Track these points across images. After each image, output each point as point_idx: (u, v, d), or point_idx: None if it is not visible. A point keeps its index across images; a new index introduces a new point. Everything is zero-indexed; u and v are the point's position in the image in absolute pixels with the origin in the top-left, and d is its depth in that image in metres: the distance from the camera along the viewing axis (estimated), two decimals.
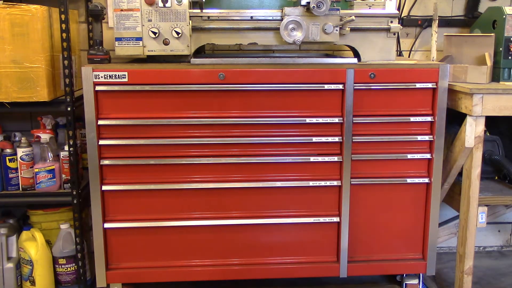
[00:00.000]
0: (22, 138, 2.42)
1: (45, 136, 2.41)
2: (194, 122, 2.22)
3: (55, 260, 2.52)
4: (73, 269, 2.52)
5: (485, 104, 2.19)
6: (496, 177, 2.55)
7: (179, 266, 2.36)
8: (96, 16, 2.24)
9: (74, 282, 2.54)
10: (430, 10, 2.81)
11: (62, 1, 2.23)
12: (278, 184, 2.30)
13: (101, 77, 2.14)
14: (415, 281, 2.49)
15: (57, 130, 2.57)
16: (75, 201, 2.41)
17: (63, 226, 2.50)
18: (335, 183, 2.31)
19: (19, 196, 2.42)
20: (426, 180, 2.34)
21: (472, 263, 2.37)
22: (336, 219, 2.35)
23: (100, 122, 2.18)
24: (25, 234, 2.50)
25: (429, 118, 2.28)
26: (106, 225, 2.29)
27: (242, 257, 2.38)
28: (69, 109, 2.30)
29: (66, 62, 2.27)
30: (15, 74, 2.22)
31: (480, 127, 2.24)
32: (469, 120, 2.23)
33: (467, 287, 2.39)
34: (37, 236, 2.47)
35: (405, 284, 2.49)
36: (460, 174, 2.39)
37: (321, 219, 2.35)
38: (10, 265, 2.50)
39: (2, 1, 2.22)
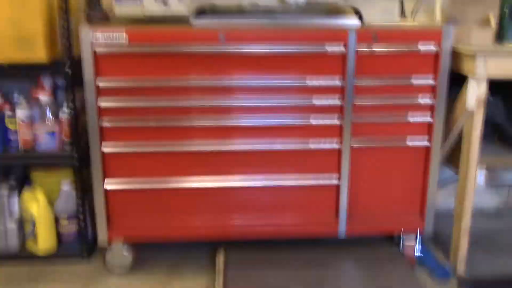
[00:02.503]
0: (22, 99, 2.40)
1: (44, 97, 2.39)
2: (194, 84, 2.21)
3: (56, 219, 2.55)
4: (75, 227, 2.56)
5: (488, 66, 2.17)
6: (496, 140, 2.55)
7: (179, 225, 2.40)
8: None
9: (76, 241, 2.58)
10: None
11: None
12: (278, 146, 2.31)
13: (100, 37, 2.11)
14: (413, 240, 2.53)
15: (57, 91, 2.55)
16: (75, 162, 2.42)
17: (64, 185, 2.52)
18: (335, 145, 2.32)
19: (19, 157, 2.43)
20: (426, 142, 2.34)
21: (469, 223, 2.41)
22: (335, 181, 2.37)
23: (100, 83, 2.17)
24: (26, 193, 2.53)
25: (431, 80, 2.26)
26: (107, 186, 2.30)
27: (242, 217, 2.41)
28: (67, 70, 2.28)
29: (64, 22, 2.23)
30: (13, 35, 2.18)
31: (482, 89, 2.22)
32: (471, 82, 2.21)
33: (463, 247, 2.44)
34: (38, 195, 2.49)
35: (403, 244, 2.53)
36: (460, 135, 2.39)
37: (321, 181, 2.37)
38: (12, 223, 2.53)
39: None
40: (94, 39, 2.11)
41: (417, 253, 2.54)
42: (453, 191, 2.74)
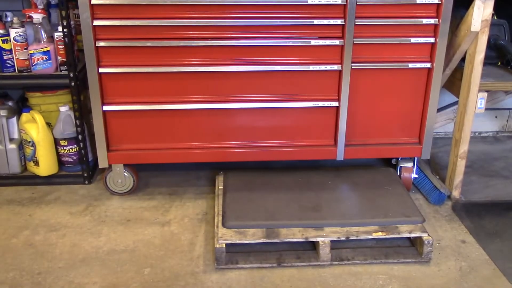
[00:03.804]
0: (14, 18, 2.34)
1: (37, 16, 2.32)
2: (191, 1, 2.14)
3: (56, 142, 2.55)
4: (75, 150, 2.57)
5: None
6: (499, 63, 2.51)
7: (179, 148, 2.40)
8: None
9: (77, 163, 2.60)
10: None
11: None
12: (278, 68, 2.27)
13: None
14: (410, 164, 2.55)
15: (50, 10, 2.48)
16: (72, 84, 2.39)
17: (63, 108, 2.51)
18: (335, 67, 2.28)
19: (15, 78, 2.40)
20: (428, 65, 2.30)
21: (467, 147, 2.41)
22: (335, 104, 2.35)
23: (94, 1, 2.10)
24: (25, 116, 2.52)
25: (436, 0, 2.19)
26: (105, 108, 2.29)
27: (242, 140, 2.41)
28: None
29: None
30: None
31: (488, 10, 2.15)
32: (477, 2, 2.14)
33: (459, 170, 2.46)
34: (37, 117, 2.48)
35: (400, 167, 2.55)
36: (463, 59, 2.35)
37: (320, 104, 2.35)
38: (13, 145, 2.54)
39: None
40: None
41: (414, 177, 2.57)
42: (453, 114, 2.73)
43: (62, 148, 2.56)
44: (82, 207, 2.43)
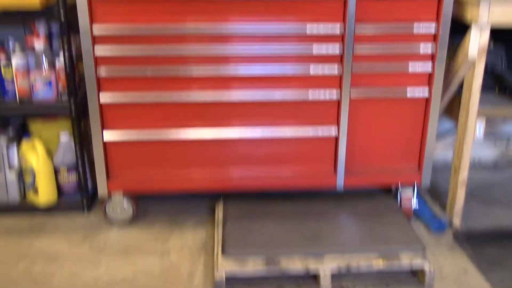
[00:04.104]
0: (16, 46, 2.36)
1: (39, 44, 2.35)
2: (192, 31, 2.16)
3: (56, 170, 2.55)
4: (75, 178, 2.57)
5: (491, 13, 2.12)
6: (497, 90, 2.53)
7: (178, 176, 2.40)
8: None
9: (76, 192, 2.59)
10: None
11: None
12: (277, 96, 2.29)
13: None
14: (410, 192, 2.54)
15: (51, 38, 2.50)
16: (73, 112, 2.40)
17: (63, 136, 2.51)
18: (334, 96, 2.29)
19: (16, 106, 2.41)
20: (426, 92, 2.32)
21: (466, 174, 2.41)
22: (334, 132, 2.36)
23: (95, 30, 2.12)
24: (25, 144, 2.52)
25: (433, 28, 2.22)
26: (105, 136, 2.29)
27: (241, 169, 2.41)
28: (62, 15, 2.23)
29: None
30: None
31: (485, 37, 2.18)
32: (474, 30, 2.17)
33: (460, 198, 2.45)
34: (37, 145, 2.48)
35: (400, 195, 2.54)
36: (461, 86, 2.37)
37: (320, 132, 2.36)
38: (12, 174, 2.54)
39: None
40: None
41: (414, 205, 2.56)
42: (451, 141, 2.74)
43: (61, 176, 2.56)
44: (81, 236, 2.41)
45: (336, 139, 2.38)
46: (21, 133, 2.65)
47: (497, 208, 2.69)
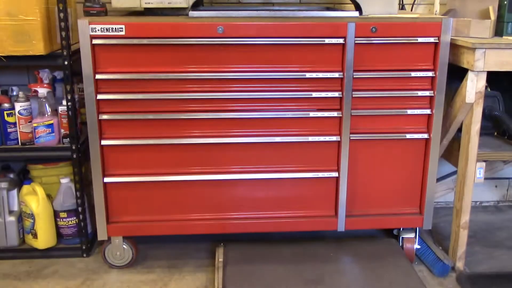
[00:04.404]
0: (20, 92, 2.40)
1: (42, 91, 2.39)
2: (193, 76, 2.20)
3: (56, 214, 2.54)
4: (74, 222, 2.56)
5: (487, 59, 2.16)
6: (496, 133, 2.54)
7: (178, 219, 2.39)
8: None
9: (76, 235, 2.57)
10: None
11: None
12: (277, 139, 2.30)
13: (98, 30, 2.10)
14: (412, 235, 2.52)
15: (55, 84, 2.55)
16: (74, 156, 2.41)
17: (63, 180, 2.52)
18: (334, 138, 2.31)
19: (18, 150, 2.43)
20: (426, 135, 2.33)
21: (468, 217, 2.40)
22: (335, 174, 2.36)
23: (98, 76, 2.16)
24: (25, 188, 2.52)
25: (430, 73, 2.25)
26: (106, 180, 2.30)
27: (241, 211, 2.40)
28: (66, 62, 2.28)
29: (61, 14, 2.22)
30: (11, 27, 2.18)
31: (482, 82, 2.21)
32: (470, 75, 2.21)
33: (462, 241, 2.43)
34: (37, 190, 2.48)
35: (402, 237, 2.53)
36: (459, 129, 2.39)
37: (320, 174, 2.36)
38: (12, 218, 2.53)
39: None
40: (92, 31, 2.10)
41: (416, 248, 2.54)
42: (452, 183, 2.74)
43: (61, 220, 2.55)
44: (80, 281, 2.39)
45: (337, 181, 2.38)
46: (22, 177, 2.65)
47: (501, 251, 2.67)
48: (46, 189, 2.52)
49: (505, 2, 2.30)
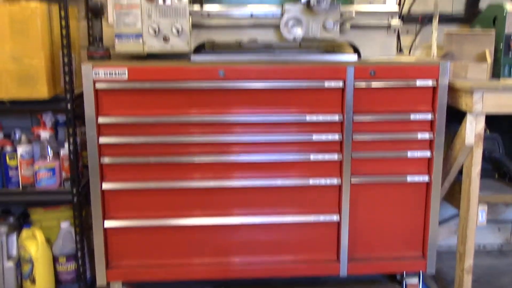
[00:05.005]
0: (22, 135, 2.41)
1: (45, 134, 2.40)
2: (194, 120, 2.22)
3: (55, 259, 2.51)
4: (73, 267, 2.52)
5: (485, 101, 2.19)
6: (497, 175, 2.54)
7: (179, 264, 2.36)
8: (96, 13, 2.24)
9: (74, 281, 2.53)
10: (430, 7, 2.80)
11: None
12: (279, 182, 2.30)
13: (101, 74, 2.14)
14: (415, 280, 2.48)
15: (57, 127, 2.56)
16: (75, 199, 2.40)
17: (63, 225, 2.50)
18: (335, 181, 2.31)
19: (19, 194, 2.42)
20: (426, 178, 2.33)
21: (472, 261, 2.37)
22: (336, 218, 2.35)
23: (100, 119, 2.18)
24: (25, 232, 2.50)
25: (429, 116, 2.27)
26: (106, 224, 2.28)
27: (242, 255, 2.37)
28: (69, 106, 2.30)
29: (66, 59, 2.27)
30: (15, 71, 2.22)
31: (481, 125, 2.23)
32: (469, 117, 2.23)
33: (467, 286, 2.39)
34: (37, 234, 2.46)
35: (405, 282, 2.49)
36: (460, 172, 2.39)
37: (321, 218, 2.35)
38: (10, 263, 2.49)
39: None
40: (95, 75, 2.13)
41: None
42: (455, 227, 2.71)
43: (60, 265, 2.51)
44: None
45: (338, 224, 2.36)
46: (22, 221, 2.63)
47: None
48: (46, 233, 2.50)
49: (501, 46, 2.34)
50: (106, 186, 2.25)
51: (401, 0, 2.80)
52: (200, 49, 2.42)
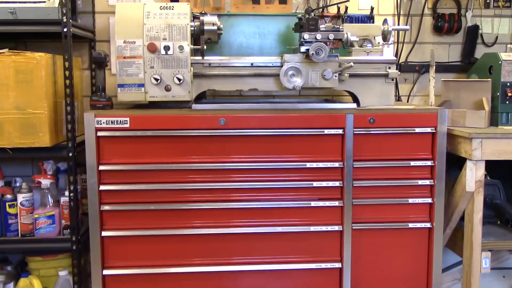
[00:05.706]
0: (23, 183, 2.42)
1: (45, 182, 2.41)
2: (195, 167, 2.23)
3: None
4: None
5: (484, 148, 2.20)
6: (499, 222, 2.53)
7: None
8: (99, 63, 2.28)
9: None
10: (427, 56, 2.86)
11: (66, 49, 2.27)
12: (279, 229, 2.29)
13: (103, 122, 2.16)
14: None
15: (58, 175, 2.57)
16: (74, 248, 2.38)
17: (62, 273, 2.47)
18: (336, 228, 2.30)
19: (17, 242, 2.40)
20: (428, 224, 2.32)
21: None
22: (338, 265, 2.32)
23: (101, 167, 2.19)
24: (22, 281, 2.46)
25: (429, 163, 2.28)
26: (105, 272, 2.25)
27: None
28: (70, 154, 2.32)
29: (68, 108, 2.30)
30: (18, 120, 2.24)
31: (481, 171, 2.24)
32: (469, 164, 2.24)
33: None
34: (35, 283, 2.43)
35: None
36: (462, 218, 2.38)
37: (323, 265, 2.32)
38: None
39: (7, 49, 2.26)
40: (97, 124, 2.16)
41: None
42: (459, 274, 2.68)
43: None
44: None
45: (340, 272, 2.33)
46: (20, 269, 2.60)
47: None
48: (44, 281, 2.47)
49: (498, 94, 2.38)
50: (105, 233, 2.23)
51: (398, 50, 2.86)
52: (201, 97, 2.46)
